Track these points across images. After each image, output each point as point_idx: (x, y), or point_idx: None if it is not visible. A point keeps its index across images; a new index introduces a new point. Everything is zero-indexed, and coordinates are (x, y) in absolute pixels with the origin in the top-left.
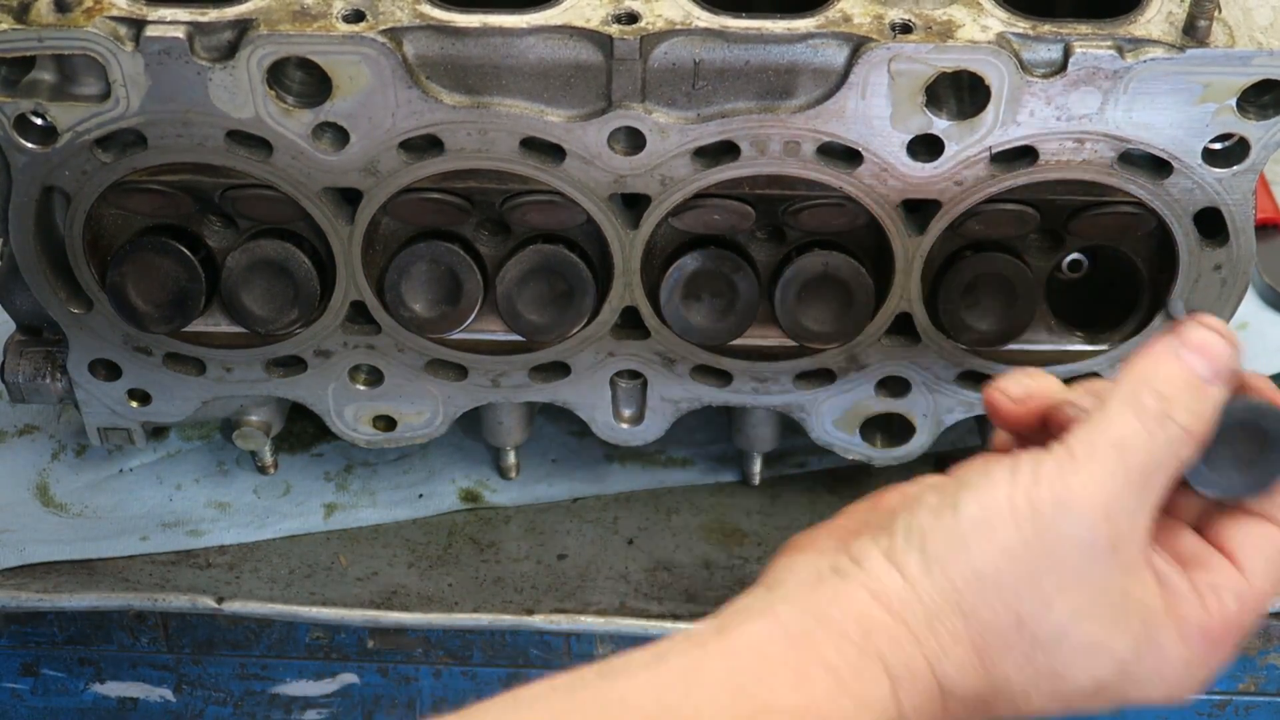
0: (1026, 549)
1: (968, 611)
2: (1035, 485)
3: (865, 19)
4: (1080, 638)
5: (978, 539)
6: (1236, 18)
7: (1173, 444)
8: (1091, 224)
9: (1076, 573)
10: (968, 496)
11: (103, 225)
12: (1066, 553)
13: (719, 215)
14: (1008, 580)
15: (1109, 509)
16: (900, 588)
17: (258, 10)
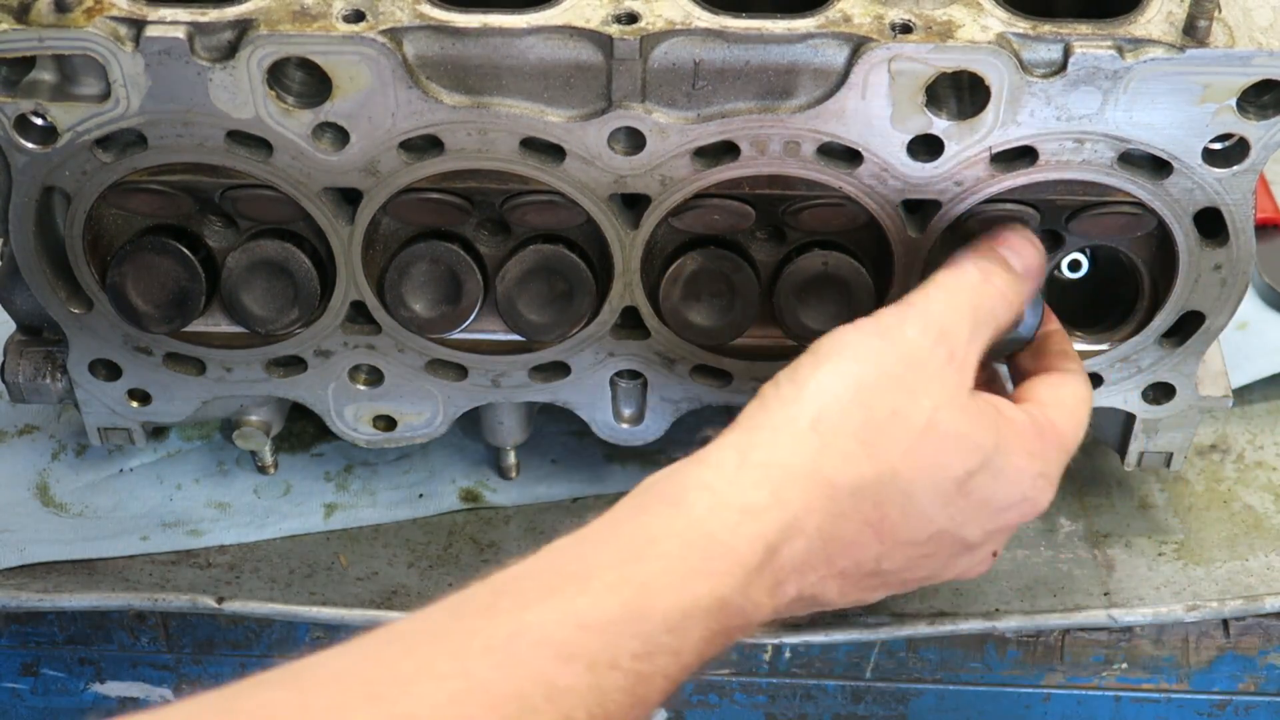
0: (884, 357)
1: (846, 407)
2: (876, 320)
3: (865, 19)
4: (946, 426)
5: (838, 357)
6: (1236, 18)
7: (993, 299)
8: (1091, 224)
9: (930, 374)
10: (819, 342)
11: (103, 225)
12: (917, 356)
13: (719, 215)
14: (873, 379)
15: (943, 327)
16: (778, 410)
17: (258, 10)
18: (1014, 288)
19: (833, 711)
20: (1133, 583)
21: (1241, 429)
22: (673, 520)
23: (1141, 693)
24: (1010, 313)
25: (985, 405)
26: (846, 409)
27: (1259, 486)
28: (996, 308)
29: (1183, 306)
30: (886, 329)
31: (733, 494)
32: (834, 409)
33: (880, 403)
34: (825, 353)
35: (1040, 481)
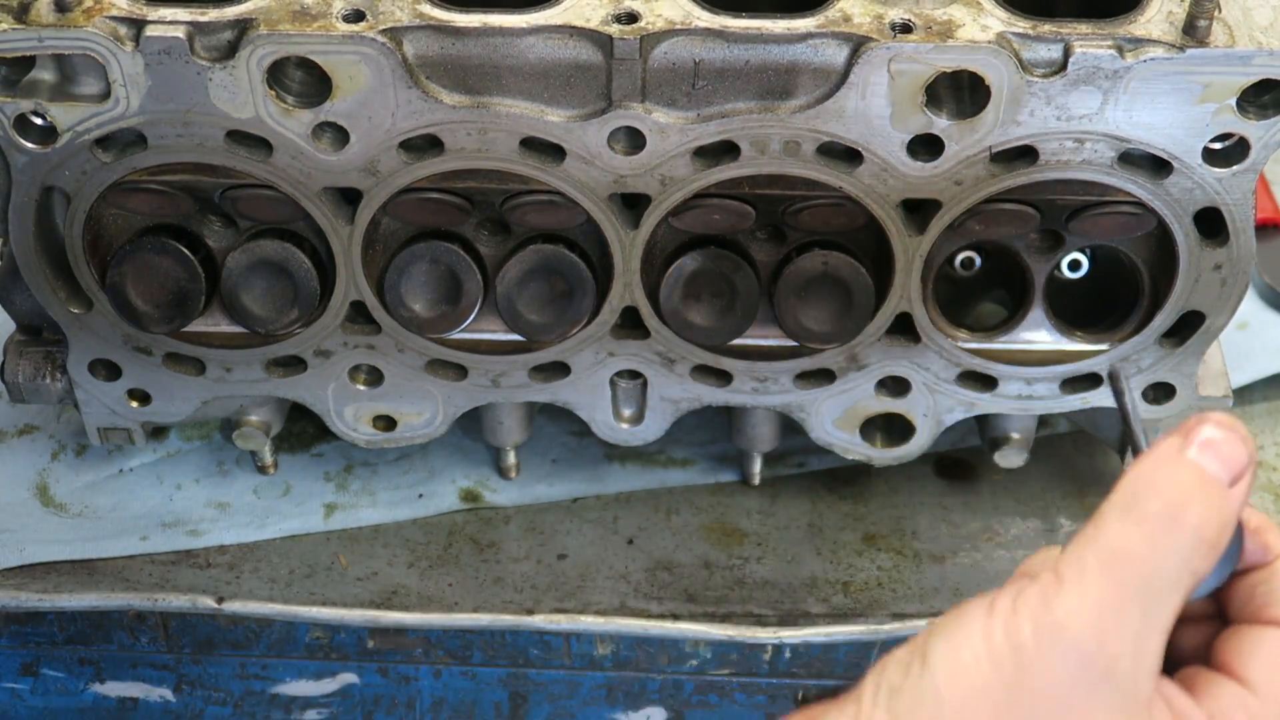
0: (1008, 691)
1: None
2: (1014, 617)
3: (865, 19)
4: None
5: (951, 687)
6: (1236, 17)
7: (1183, 552)
8: (1091, 224)
9: (1068, 711)
10: (938, 643)
11: (103, 225)
12: (1056, 690)
13: (719, 215)
14: None
15: (1103, 632)
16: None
17: (258, 10)
18: (1219, 518)
19: None
20: None
21: None
22: None
23: None
24: (1212, 560)
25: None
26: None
27: (1259, 487)
28: (1195, 562)
29: (1183, 306)
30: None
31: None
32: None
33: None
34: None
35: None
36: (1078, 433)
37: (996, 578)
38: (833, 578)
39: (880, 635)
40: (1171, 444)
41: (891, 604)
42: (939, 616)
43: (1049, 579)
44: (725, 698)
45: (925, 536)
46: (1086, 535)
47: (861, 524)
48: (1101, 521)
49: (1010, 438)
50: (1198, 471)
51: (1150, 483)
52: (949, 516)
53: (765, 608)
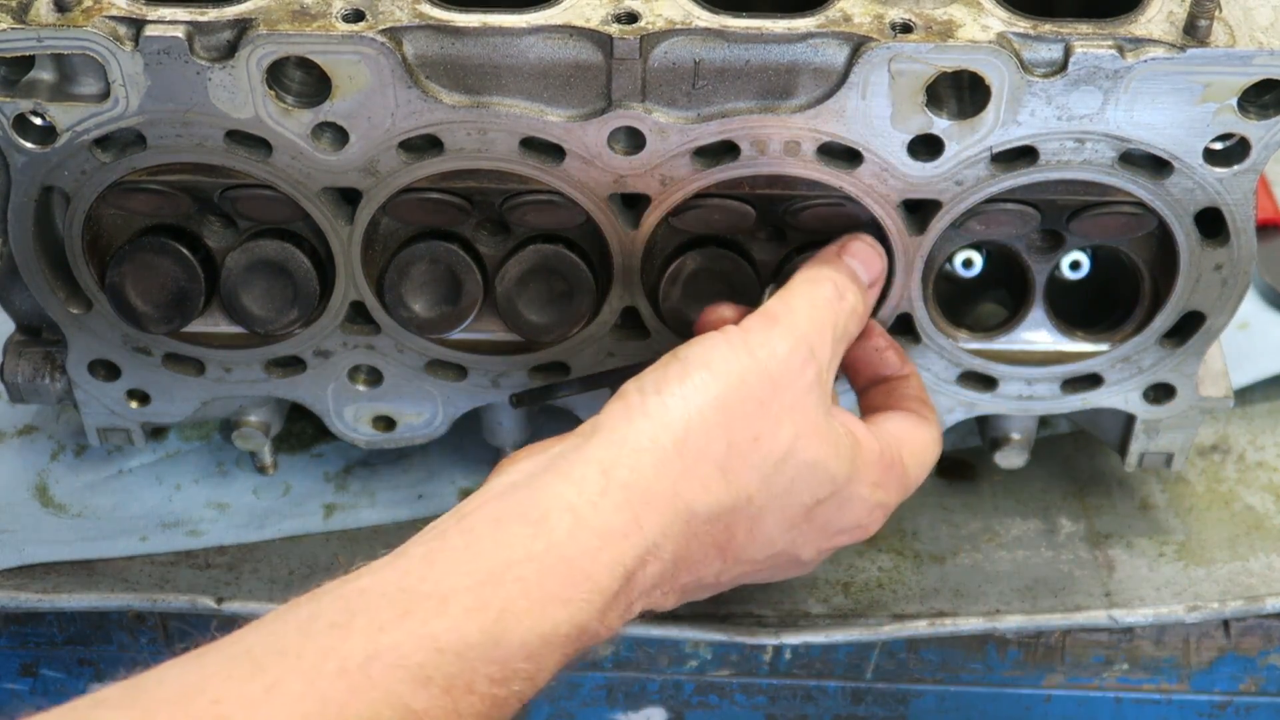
0: (751, 376)
1: (711, 431)
2: (745, 332)
3: (865, 19)
4: (805, 455)
5: (707, 372)
6: (1237, 17)
7: (848, 315)
8: (1092, 224)
9: (795, 398)
10: (688, 349)
11: (102, 225)
12: (785, 380)
13: (719, 215)
14: (739, 401)
15: (811, 345)
16: (644, 425)
17: (257, 10)
18: (864, 302)
19: (833, 712)
20: (1133, 583)
21: (1242, 429)
22: (532, 542)
23: (1142, 693)
24: (860, 327)
25: (844, 433)
26: (711, 432)
27: (1260, 487)
28: (850, 324)
29: (1183, 306)
30: (755, 345)
31: (594, 517)
32: (699, 431)
33: (744, 427)
34: (694, 364)
35: (877, 512)
36: (1078, 433)
37: (996, 578)
38: (833, 578)
39: (880, 635)
40: (830, 248)
41: (891, 604)
42: None
43: (763, 316)
44: (725, 698)
45: (925, 536)
46: (782, 293)
47: None
48: (793, 286)
49: (1010, 438)
50: (850, 270)
51: (821, 268)
52: (949, 516)
53: (765, 608)
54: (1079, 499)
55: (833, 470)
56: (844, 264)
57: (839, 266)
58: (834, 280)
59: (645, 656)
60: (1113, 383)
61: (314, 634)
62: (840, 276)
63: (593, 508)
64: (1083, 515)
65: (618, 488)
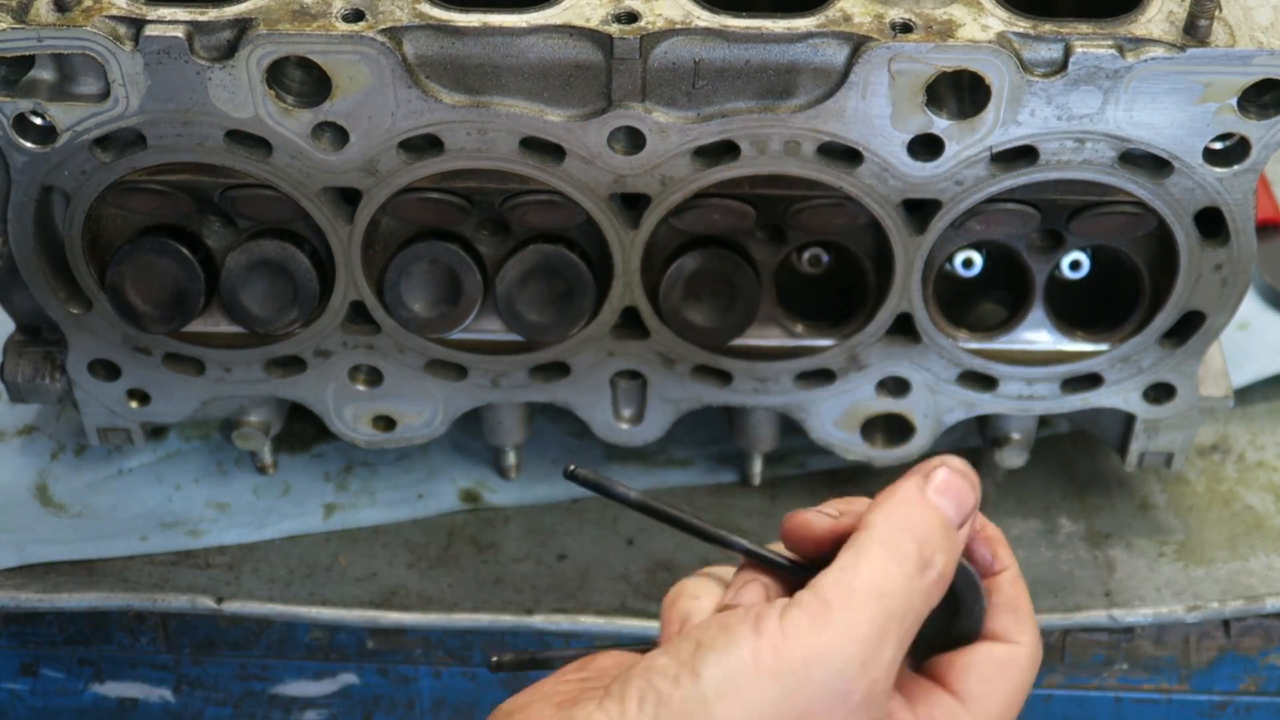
0: (776, 710)
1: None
2: (784, 640)
3: (865, 18)
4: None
5: (722, 703)
6: (1237, 17)
7: (928, 590)
8: (1092, 224)
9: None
10: (708, 658)
11: (102, 225)
12: (822, 709)
13: (719, 215)
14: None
15: (866, 661)
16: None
17: (257, 10)
18: (953, 560)
19: None
20: (1133, 583)
21: (1242, 429)
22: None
23: (1142, 693)
24: (941, 595)
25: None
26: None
27: (1260, 487)
28: (932, 597)
29: (1183, 306)
30: (791, 667)
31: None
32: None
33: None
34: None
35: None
36: (1078, 433)
37: None
38: None
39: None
40: (913, 485)
41: None
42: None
43: (815, 604)
44: None
45: None
46: (849, 564)
47: None
48: (863, 553)
49: (1010, 438)
50: (940, 516)
51: (902, 524)
52: None
53: None
54: (1079, 499)
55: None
56: (931, 507)
57: (924, 514)
58: (920, 541)
59: None
60: (1113, 383)
61: None
62: (927, 531)
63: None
64: (1082, 515)
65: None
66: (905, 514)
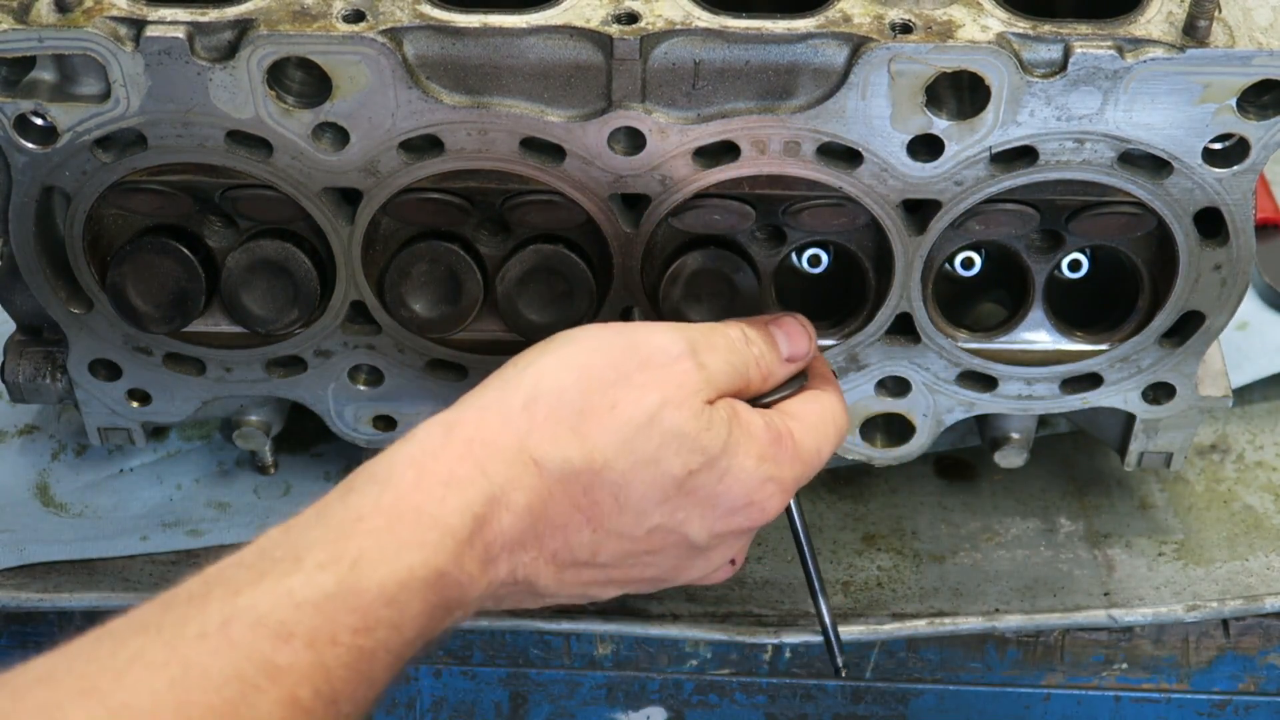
0: (618, 350)
1: (563, 392)
2: (629, 323)
3: (865, 19)
4: (672, 423)
5: (570, 344)
6: (1236, 18)
7: (746, 361)
8: (1091, 224)
9: (667, 375)
10: (559, 334)
11: (103, 225)
12: (658, 362)
13: (719, 215)
14: (599, 370)
15: (695, 347)
16: (494, 387)
17: (258, 10)
18: (770, 361)
19: (833, 712)
20: (1133, 583)
21: (1241, 429)
22: (380, 496)
23: (1141, 693)
24: (762, 381)
25: (719, 408)
26: (564, 394)
27: (1259, 486)
28: (749, 368)
29: (1183, 306)
30: (633, 330)
31: (438, 468)
32: (551, 393)
33: (602, 394)
34: (558, 340)
35: (769, 486)
36: (1078, 433)
37: (996, 578)
38: (833, 578)
39: (880, 635)
40: (763, 318)
41: (891, 604)
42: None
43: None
44: (725, 698)
45: (925, 536)
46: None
47: (861, 524)
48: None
49: (1010, 438)
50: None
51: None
52: (949, 516)
53: (765, 608)
54: (1078, 498)
55: (704, 441)
56: (765, 328)
57: (758, 326)
58: (746, 331)
59: (645, 656)
60: (1112, 382)
61: (173, 607)
62: (755, 333)
63: (435, 459)
64: (1082, 515)
65: (460, 441)
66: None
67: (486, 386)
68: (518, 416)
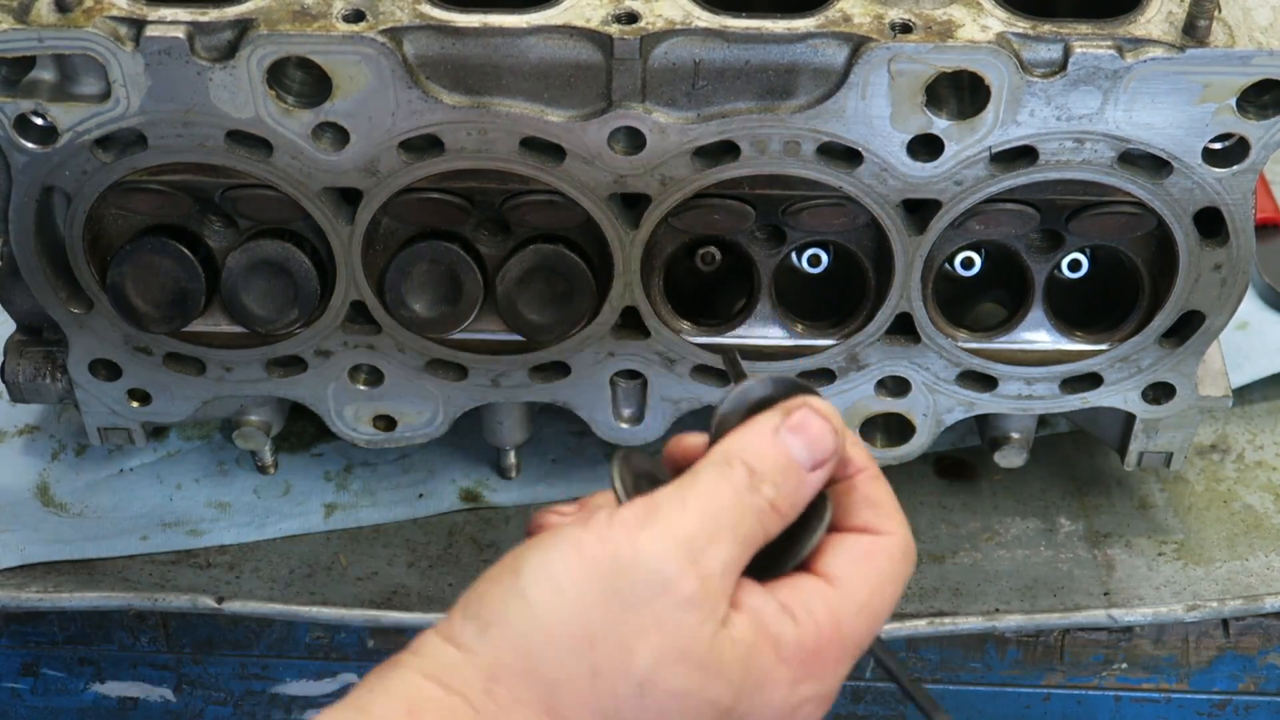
0: (598, 596)
1: (530, 669)
2: (610, 530)
3: (865, 19)
4: (669, 684)
5: (540, 591)
6: (1236, 17)
7: (760, 514)
8: (1091, 224)
9: (660, 617)
10: (532, 555)
11: (103, 225)
12: (648, 597)
13: (719, 215)
14: (577, 629)
15: (693, 551)
16: (454, 658)
17: (258, 10)
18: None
19: (832, 711)
20: (1133, 582)
21: (1241, 429)
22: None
23: (1141, 692)
24: (781, 522)
25: (735, 634)
26: (535, 668)
27: (1259, 486)
28: (766, 522)
29: (1183, 306)
30: (614, 551)
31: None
32: (516, 670)
33: (578, 659)
34: (526, 577)
35: (807, 707)
36: (1078, 433)
37: (996, 578)
38: None
39: (880, 635)
40: (769, 420)
41: None
42: None
43: (644, 505)
44: None
45: (925, 536)
46: (684, 479)
47: None
48: (697, 472)
49: (1010, 438)
50: (782, 452)
51: (742, 450)
52: (949, 516)
53: None
54: (1078, 498)
55: (713, 694)
56: (777, 443)
57: (762, 444)
58: (750, 464)
59: None
60: (1112, 382)
61: None
62: (765, 461)
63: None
64: (1082, 515)
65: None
66: (744, 441)
67: (446, 647)
68: (480, 700)
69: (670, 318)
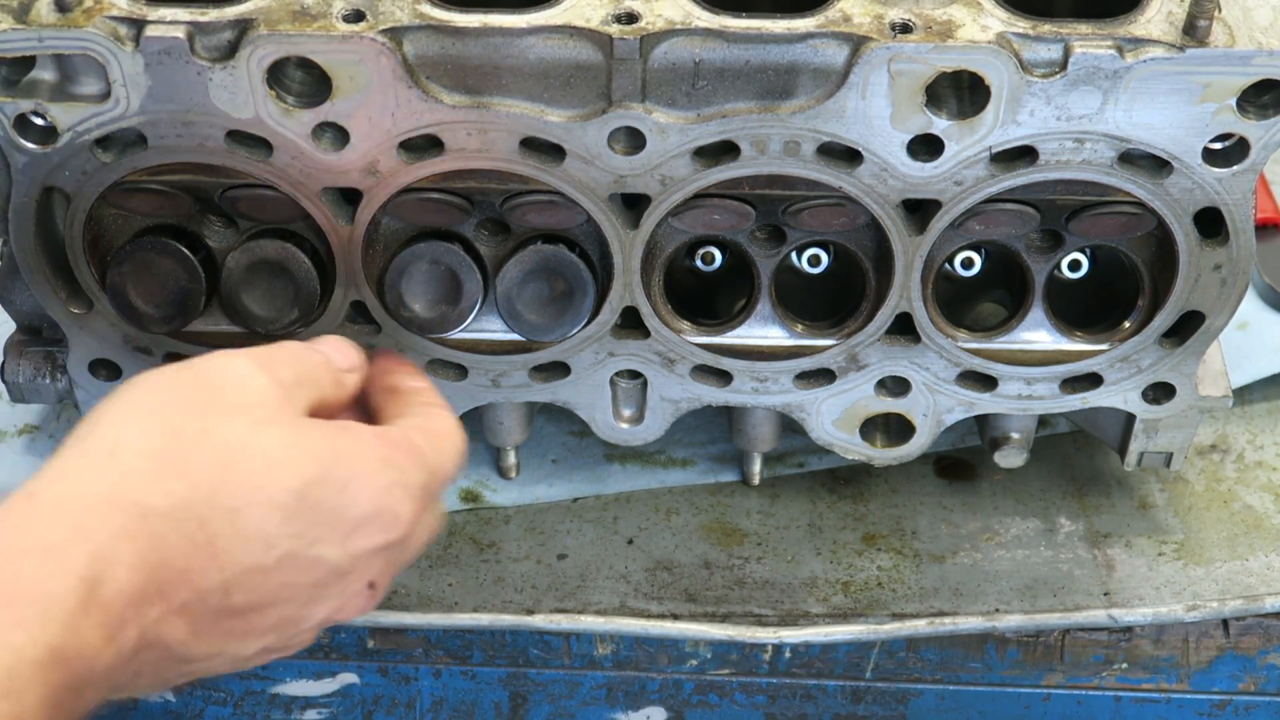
0: (182, 380)
1: (144, 435)
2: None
3: (865, 19)
4: (271, 440)
5: (133, 388)
6: (1236, 17)
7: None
8: (1091, 224)
9: (248, 394)
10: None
11: (103, 225)
12: (233, 381)
13: (719, 215)
14: (177, 403)
15: (265, 360)
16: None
17: (258, 10)
18: (338, 365)
19: (832, 712)
20: (1133, 582)
21: (1241, 429)
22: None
23: (1141, 693)
24: (336, 389)
25: (322, 422)
26: (147, 432)
27: (1259, 486)
28: (322, 375)
29: (1183, 306)
30: (196, 362)
31: (26, 539)
32: (133, 434)
33: (188, 424)
34: (123, 388)
35: (397, 491)
36: (1078, 433)
37: (996, 578)
38: (833, 578)
39: (880, 635)
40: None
41: (891, 604)
42: None
43: None
44: (725, 698)
45: (925, 536)
46: None
47: (861, 524)
48: None
49: (1010, 438)
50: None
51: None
52: (949, 516)
53: (765, 608)
54: (1078, 498)
55: (311, 449)
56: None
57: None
58: (297, 346)
59: (645, 656)
60: (1112, 382)
61: None
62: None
63: (21, 530)
64: (1082, 515)
65: (47, 505)
66: None
67: (63, 448)
68: (105, 465)
69: (670, 318)
